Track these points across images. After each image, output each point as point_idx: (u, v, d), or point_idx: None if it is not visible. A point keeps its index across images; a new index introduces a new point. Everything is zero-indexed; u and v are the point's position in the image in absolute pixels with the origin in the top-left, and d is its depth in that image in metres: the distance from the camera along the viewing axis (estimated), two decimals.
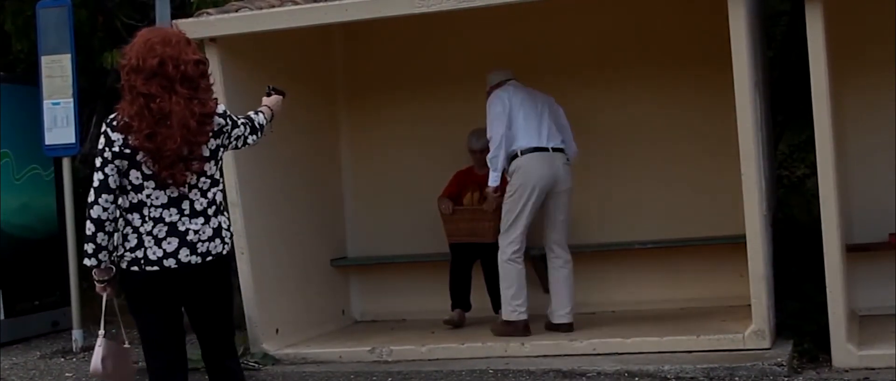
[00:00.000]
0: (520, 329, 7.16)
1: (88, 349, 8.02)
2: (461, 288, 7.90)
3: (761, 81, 6.97)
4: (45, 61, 8.05)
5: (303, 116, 7.70)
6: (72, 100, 8.02)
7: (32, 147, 8.42)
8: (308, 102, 7.95)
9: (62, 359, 7.82)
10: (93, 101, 11.56)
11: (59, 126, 8.04)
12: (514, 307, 7.22)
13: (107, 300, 4.45)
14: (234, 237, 5.32)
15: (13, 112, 8.53)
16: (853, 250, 7.02)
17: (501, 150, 7.18)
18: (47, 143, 8.10)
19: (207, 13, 7.21)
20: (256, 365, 7.01)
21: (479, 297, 7.85)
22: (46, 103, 8.06)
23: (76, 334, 8.09)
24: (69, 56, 7.99)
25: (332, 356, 7.17)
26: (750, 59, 6.33)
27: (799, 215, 9.01)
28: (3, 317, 8.42)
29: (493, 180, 7.31)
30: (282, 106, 5.01)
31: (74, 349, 8.01)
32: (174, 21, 7.05)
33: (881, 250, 7.22)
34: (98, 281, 4.36)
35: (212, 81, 4.38)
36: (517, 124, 7.22)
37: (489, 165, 7.29)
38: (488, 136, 7.27)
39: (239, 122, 4.56)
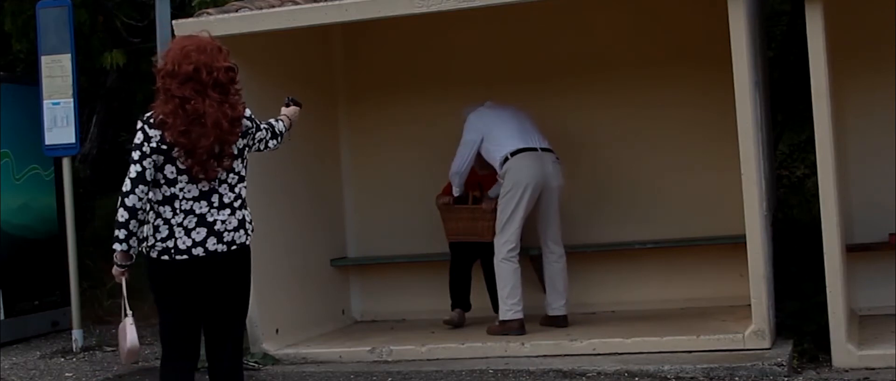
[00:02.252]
0: (515, 328, 7.17)
1: (88, 348, 8.03)
2: (461, 288, 7.90)
3: (761, 81, 6.96)
4: (45, 61, 8.05)
5: (303, 116, 7.66)
6: (72, 100, 8.03)
7: (32, 147, 8.41)
8: (308, 101, 7.91)
9: (62, 359, 7.80)
10: (93, 101, 11.58)
11: (59, 126, 8.04)
12: (509, 307, 7.23)
13: (126, 286, 4.66)
14: None
15: (13, 112, 8.52)
16: (853, 250, 7.03)
17: (460, 177, 7.58)
18: (47, 143, 8.10)
19: (207, 13, 7.20)
20: (256, 365, 7.01)
21: (479, 297, 7.85)
22: (46, 103, 8.05)
23: (76, 333, 8.08)
24: (69, 56, 7.99)
25: (332, 356, 7.17)
26: (750, 59, 6.32)
27: (799, 215, 9.00)
28: (3, 317, 8.41)
29: (457, 191, 7.75)
30: (298, 116, 5.29)
31: (74, 349, 8.00)
32: (174, 21, 7.04)
33: (881, 250, 7.22)
34: (120, 265, 4.57)
35: (239, 86, 4.58)
36: (501, 132, 7.37)
37: (451, 181, 7.69)
38: (452, 165, 7.57)
39: (261, 126, 4.86)
